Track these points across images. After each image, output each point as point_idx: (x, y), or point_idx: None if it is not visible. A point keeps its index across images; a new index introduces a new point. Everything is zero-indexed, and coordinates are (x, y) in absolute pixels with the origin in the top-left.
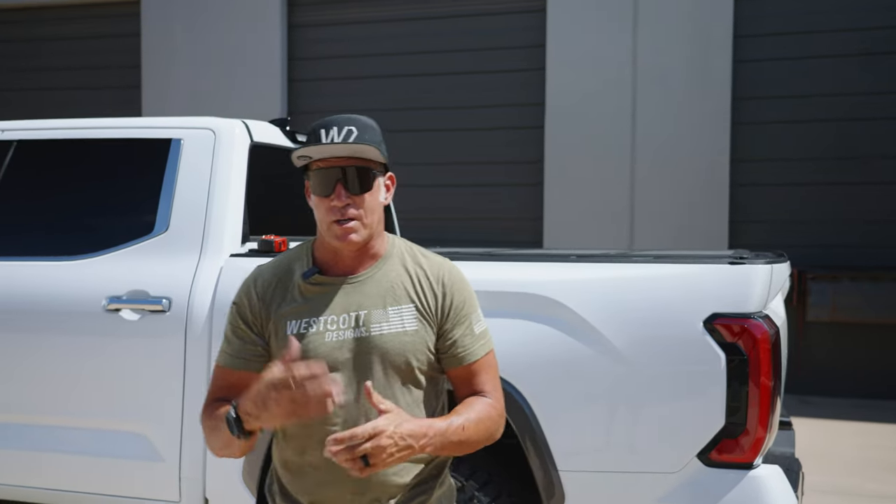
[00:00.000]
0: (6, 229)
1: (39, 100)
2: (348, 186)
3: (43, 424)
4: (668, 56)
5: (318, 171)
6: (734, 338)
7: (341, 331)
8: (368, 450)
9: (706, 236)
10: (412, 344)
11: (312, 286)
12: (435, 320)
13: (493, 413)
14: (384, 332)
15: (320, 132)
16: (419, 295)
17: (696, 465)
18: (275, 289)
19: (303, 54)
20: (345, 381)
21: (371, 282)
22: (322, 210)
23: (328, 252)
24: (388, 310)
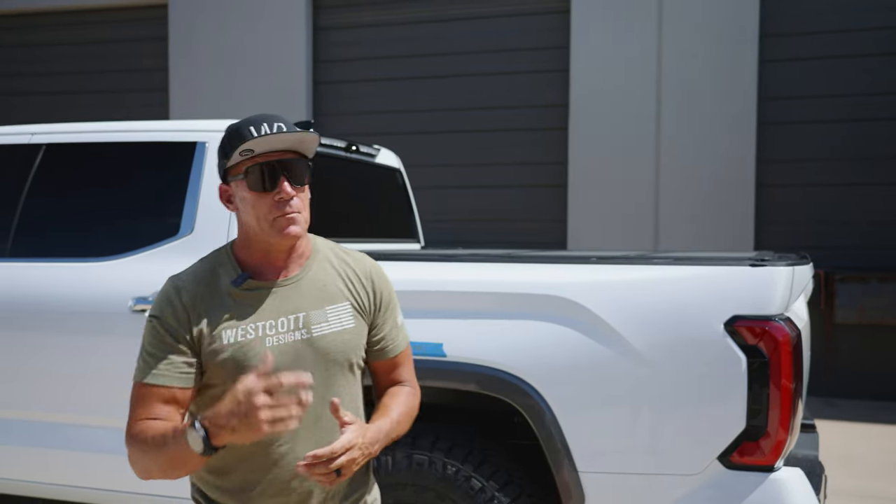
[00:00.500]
0: (36, 231)
1: (68, 103)
2: (292, 179)
3: (71, 423)
4: (693, 56)
5: (259, 167)
6: (755, 340)
7: (281, 334)
8: (343, 463)
9: (732, 238)
10: (352, 341)
11: (244, 292)
12: (368, 316)
13: (414, 402)
14: (325, 333)
15: (251, 129)
16: (353, 292)
17: (717, 467)
18: (201, 298)
19: (328, 57)
20: None
21: (304, 283)
22: (263, 207)
23: (258, 254)
24: (325, 309)
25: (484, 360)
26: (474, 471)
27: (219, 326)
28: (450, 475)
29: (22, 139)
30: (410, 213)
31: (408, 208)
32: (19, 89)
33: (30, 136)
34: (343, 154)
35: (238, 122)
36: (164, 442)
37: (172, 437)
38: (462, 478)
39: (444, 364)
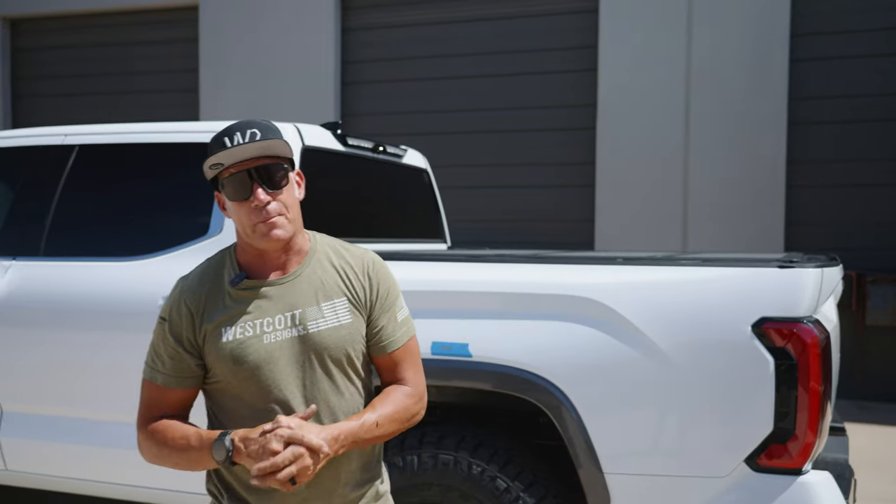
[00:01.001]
0: (68, 231)
1: (101, 104)
2: (265, 184)
3: (101, 420)
4: (723, 55)
5: (232, 177)
6: (783, 342)
7: (278, 331)
8: (294, 472)
9: (762, 239)
10: (349, 336)
11: (242, 291)
12: (365, 310)
13: (408, 402)
14: (321, 328)
15: (224, 139)
16: (349, 287)
17: (744, 469)
18: (205, 299)
19: (356, 58)
20: (286, 379)
21: (301, 280)
22: (243, 214)
23: (252, 256)
24: (321, 306)
25: (509, 360)
26: (500, 471)
27: (219, 325)
28: (475, 475)
29: (56, 140)
30: (437, 214)
31: (434, 208)
32: (53, 91)
33: (63, 138)
34: (370, 155)
35: (217, 133)
36: (186, 446)
37: (197, 444)
38: (487, 478)
39: (470, 364)
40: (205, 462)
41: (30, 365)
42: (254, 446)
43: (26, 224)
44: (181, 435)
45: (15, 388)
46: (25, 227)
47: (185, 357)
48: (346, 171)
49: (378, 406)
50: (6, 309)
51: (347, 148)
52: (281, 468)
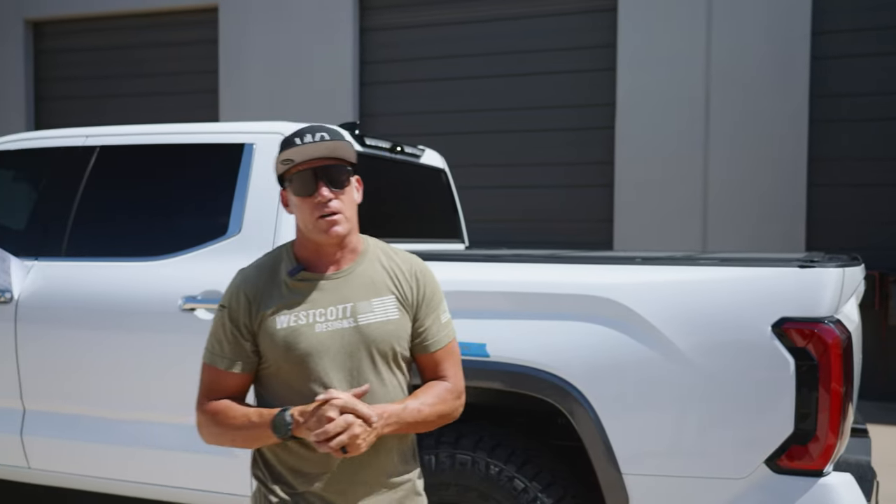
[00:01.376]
0: (89, 231)
1: (122, 105)
2: (329, 183)
3: (121, 419)
4: (743, 53)
5: (300, 174)
6: (804, 342)
7: (330, 322)
8: (345, 441)
9: (783, 238)
10: (395, 331)
11: (299, 282)
12: (412, 309)
13: (448, 397)
14: (371, 322)
15: (295, 139)
16: (398, 287)
17: (765, 471)
18: (262, 289)
19: (374, 58)
20: (335, 366)
21: (353, 276)
22: (306, 209)
23: (310, 251)
24: (371, 301)
25: (527, 360)
26: (517, 471)
27: (274, 313)
28: (493, 475)
29: (77, 141)
30: (455, 214)
31: (452, 209)
32: (75, 93)
33: (84, 139)
34: (388, 155)
35: (288, 134)
36: (247, 423)
37: (258, 420)
38: (505, 478)
39: (488, 364)
40: (264, 438)
41: (51, 364)
42: (311, 419)
43: (48, 225)
44: (242, 413)
45: (38, 387)
46: (47, 228)
47: (242, 342)
48: (364, 171)
49: (420, 395)
50: (28, 309)
51: (365, 148)
52: (332, 435)
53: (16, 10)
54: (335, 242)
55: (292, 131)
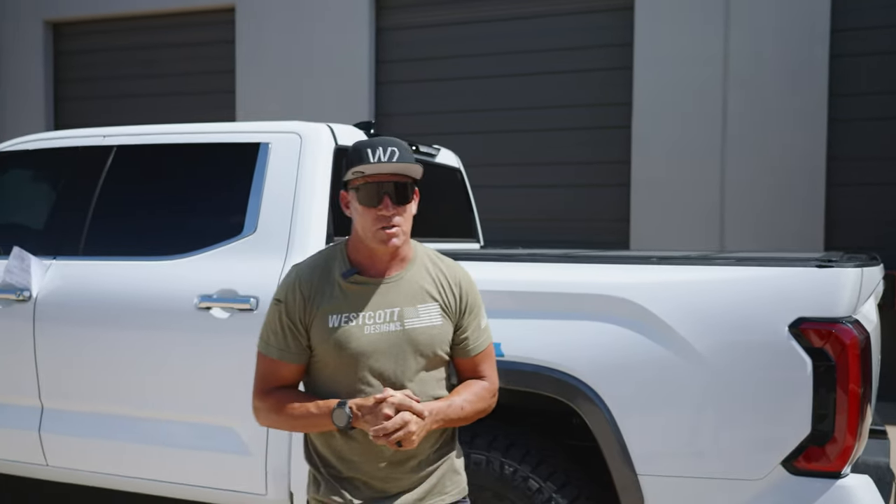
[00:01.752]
0: (106, 230)
1: (140, 105)
2: (394, 199)
3: (138, 417)
4: (761, 52)
5: (367, 185)
6: (821, 343)
7: (378, 325)
8: (402, 437)
9: (801, 238)
10: (439, 336)
11: (352, 285)
12: (454, 316)
13: (486, 395)
14: (416, 326)
15: (367, 152)
16: (442, 295)
17: (781, 472)
18: (316, 286)
19: (390, 57)
20: (381, 367)
21: (402, 283)
22: (369, 218)
23: (364, 255)
24: (418, 307)
25: (542, 360)
26: (532, 471)
27: (327, 312)
28: (507, 475)
29: (95, 141)
30: (470, 213)
31: (467, 208)
32: (94, 93)
33: (102, 138)
34: None
35: (361, 142)
36: (306, 413)
37: (317, 411)
38: (520, 478)
39: (502, 364)
40: (322, 426)
41: (69, 363)
42: (369, 414)
43: (66, 223)
44: (300, 403)
45: (55, 385)
46: (65, 227)
47: (296, 335)
48: None
49: (462, 392)
50: (46, 307)
51: None
52: (391, 432)
53: (35, 11)
54: (390, 252)
55: (364, 141)
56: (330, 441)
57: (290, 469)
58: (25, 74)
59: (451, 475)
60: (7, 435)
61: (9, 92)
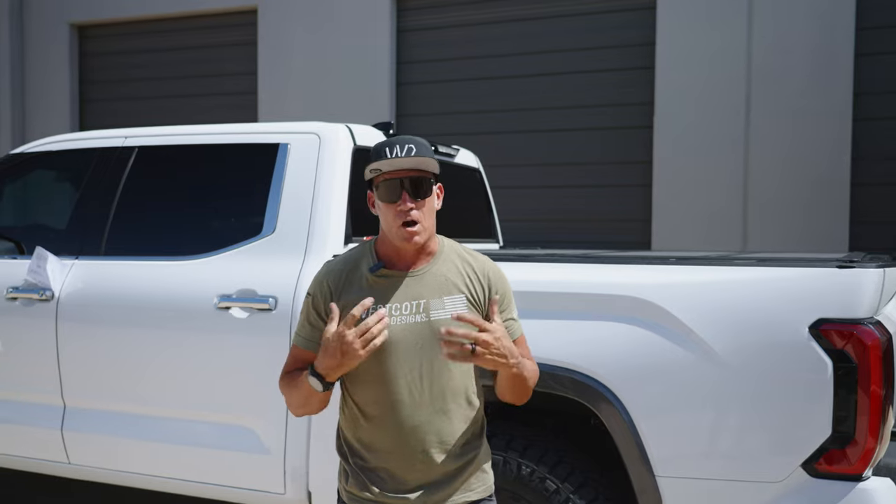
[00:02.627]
0: (127, 230)
1: (164, 107)
2: (412, 193)
3: (157, 416)
4: (785, 51)
5: (386, 182)
6: (842, 344)
7: (404, 316)
8: (479, 339)
9: (826, 239)
10: (465, 327)
11: (378, 278)
12: (482, 308)
13: (534, 367)
14: (442, 318)
15: (385, 150)
16: (469, 287)
17: (801, 475)
18: (344, 281)
19: (411, 58)
20: (407, 358)
21: (428, 275)
22: (389, 215)
23: (391, 250)
24: (444, 299)
25: (559, 360)
26: (549, 472)
27: (353, 304)
28: (524, 476)
29: (116, 142)
30: (489, 213)
31: (487, 208)
32: (119, 95)
33: (123, 139)
34: None
35: (380, 142)
36: (296, 385)
37: (301, 381)
38: (537, 479)
39: None
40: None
41: (91, 361)
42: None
43: (88, 224)
44: (294, 377)
45: (77, 384)
46: (87, 227)
47: (322, 325)
48: None
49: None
50: (69, 307)
51: None
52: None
53: (60, 14)
54: (413, 248)
55: (384, 140)
56: (357, 431)
57: (308, 468)
58: (52, 76)
59: (479, 473)
60: (30, 433)
61: (35, 94)
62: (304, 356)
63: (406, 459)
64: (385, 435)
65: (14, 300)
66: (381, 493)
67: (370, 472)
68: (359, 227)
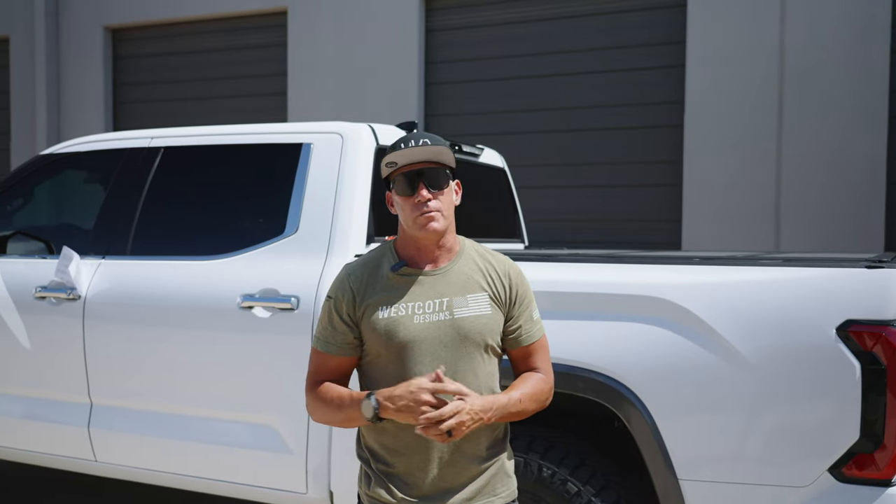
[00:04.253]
0: (153, 230)
1: (194, 109)
2: (429, 184)
3: (181, 414)
4: (818, 47)
5: (403, 176)
6: (870, 346)
7: (427, 314)
8: (453, 425)
9: (860, 239)
10: (488, 325)
11: (400, 277)
12: (504, 307)
13: (544, 387)
14: (465, 316)
15: (400, 144)
16: (491, 285)
17: (828, 479)
18: (366, 282)
19: (439, 58)
20: (432, 357)
21: (450, 273)
22: (407, 208)
23: (411, 248)
24: (467, 297)
25: (581, 361)
26: (570, 474)
27: (377, 304)
28: (545, 478)
29: (143, 143)
30: (514, 213)
31: (512, 208)
32: (151, 97)
33: (150, 140)
34: None
35: (395, 140)
36: (341, 404)
37: (349, 403)
38: (558, 481)
39: None
40: (356, 419)
41: (116, 360)
42: (402, 402)
43: (115, 224)
44: (337, 395)
45: (104, 382)
46: (114, 227)
47: (345, 329)
48: None
49: (520, 386)
50: (95, 306)
51: None
52: (445, 419)
53: (95, 18)
54: (433, 238)
55: (399, 137)
56: (379, 435)
57: (330, 468)
58: (86, 79)
59: (502, 477)
60: (58, 431)
61: (70, 96)
62: (328, 361)
63: (429, 463)
64: (408, 439)
65: (42, 299)
66: (404, 497)
67: (393, 477)
68: (381, 227)
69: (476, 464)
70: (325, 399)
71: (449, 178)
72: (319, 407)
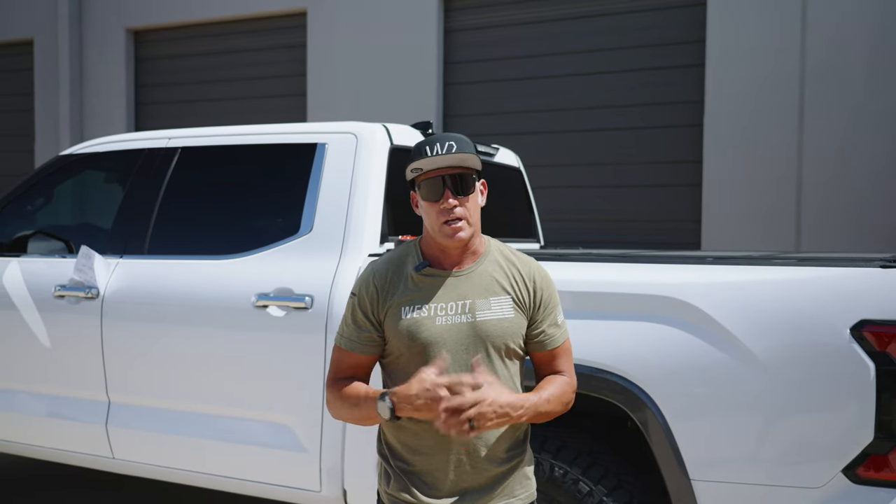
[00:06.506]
0: (169, 230)
1: (215, 110)
2: (454, 190)
3: (196, 412)
4: (840, 48)
5: (428, 181)
6: (885, 346)
7: (450, 316)
8: (473, 415)
9: (883, 240)
10: (510, 329)
11: (424, 277)
12: (528, 311)
13: (567, 389)
14: (487, 318)
15: (425, 148)
16: (515, 288)
17: (842, 481)
18: (390, 280)
19: (457, 58)
20: (453, 358)
21: (474, 275)
22: (433, 214)
23: (436, 249)
24: (489, 299)
25: (594, 361)
26: (582, 474)
27: (400, 304)
28: (557, 477)
29: (160, 143)
30: (530, 213)
31: (527, 208)
32: (172, 98)
33: (167, 141)
34: None
35: (420, 141)
36: (358, 402)
37: (365, 401)
38: (570, 480)
39: None
40: (375, 417)
41: (134, 358)
42: (419, 401)
43: (132, 223)
44: (354, 393)
45: (121, 380)
46: (131, 226)
47: (368, 326)
48: None
49: (547, 387)
50: (113, 304)
51: None
52: (465, 408)
53: (118, 20)
54: (458, 246)
55: (424, 139)
56: (399, 432)
57: (343, 466)
58: (108, 80)
59: (522, 479)
60: (76, 428)
61: (93, 97)
62: (349, 358)
63: (449, 463)
64: (428, 437)
65: (62, 298)
66: (424, 496)
67: (412, 475)
68: (395, 227)
69: (496, 465)
70: (345, 397)
71: (475, 181)
72: (339, 404)
